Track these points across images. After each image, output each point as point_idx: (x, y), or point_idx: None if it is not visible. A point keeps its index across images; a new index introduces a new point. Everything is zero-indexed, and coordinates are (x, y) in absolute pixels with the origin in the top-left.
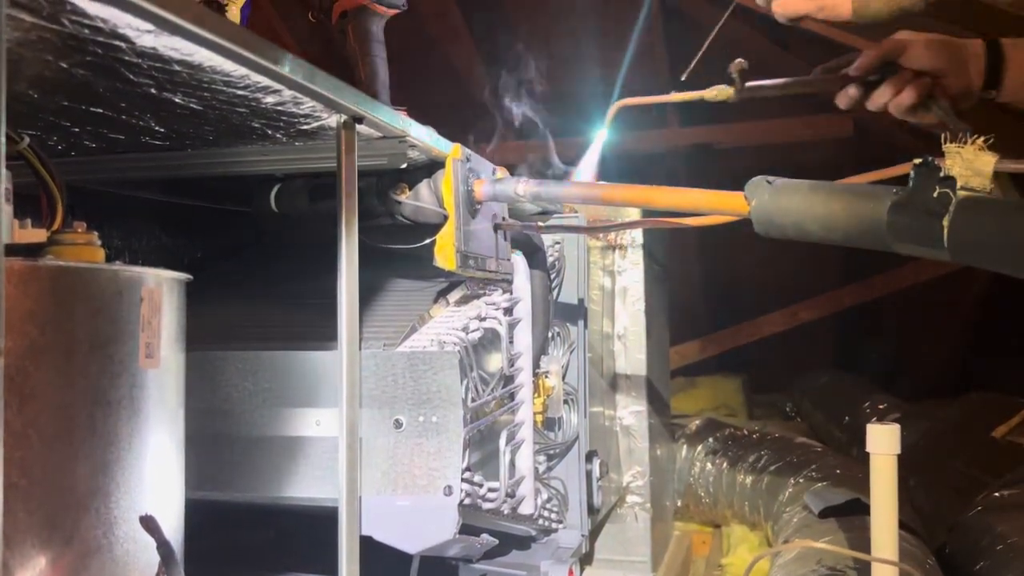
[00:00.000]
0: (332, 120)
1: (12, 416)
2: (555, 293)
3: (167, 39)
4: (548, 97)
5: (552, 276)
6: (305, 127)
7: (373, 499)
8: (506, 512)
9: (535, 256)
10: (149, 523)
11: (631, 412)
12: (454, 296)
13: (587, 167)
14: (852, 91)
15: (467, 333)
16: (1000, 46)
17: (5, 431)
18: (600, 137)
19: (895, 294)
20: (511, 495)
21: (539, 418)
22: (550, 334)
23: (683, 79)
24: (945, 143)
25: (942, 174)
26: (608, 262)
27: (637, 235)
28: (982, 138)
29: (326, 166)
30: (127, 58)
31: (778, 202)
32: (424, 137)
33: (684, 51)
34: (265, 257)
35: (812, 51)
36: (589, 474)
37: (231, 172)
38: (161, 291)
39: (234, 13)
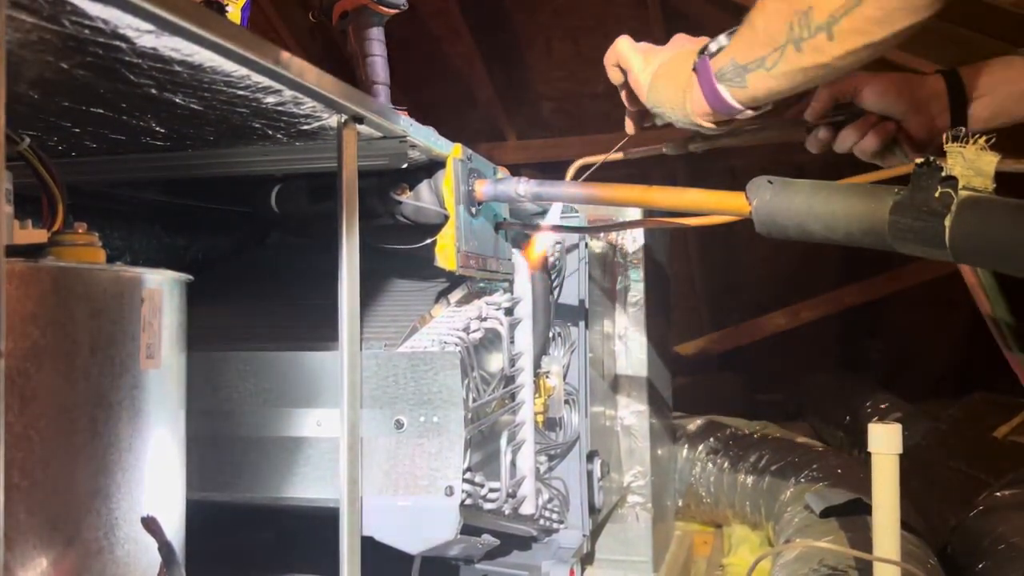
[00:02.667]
0: (333, 120)
1: (13, 417)
2: (556, 293)
3: (167, 40)
4: (548, 96)
5: (553, 276)
6: (306, 127)
7: (374, 499)
8: (507, 512)
9: None
10: (150, 524)
11: (632, 412)
12: (455, 296)
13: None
14: (822, 134)
15: (468, 333)
16: (959, 78)
17: (6, 432)
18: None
19: (897, 294)
20: (512, 495)
21: (540, 418)
22: (551, 334)
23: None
24: (947, 143)
25: (944, 174)
26: (609, 262)
27: (638, 235)
28: (984, 137)
29: (327, 166)
30: (127, 59)
31: (779, 202)
32: (425, 137)
33: None
34: (266, 257)
35: None
36: (590, 474)
37: (232, 172)
38: (162, 292)
39: (235, 13)
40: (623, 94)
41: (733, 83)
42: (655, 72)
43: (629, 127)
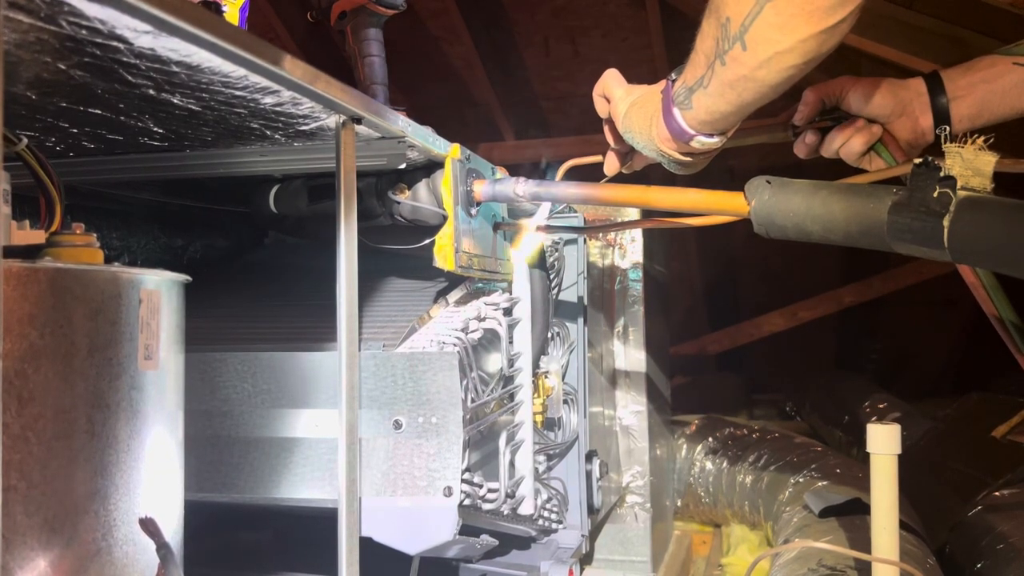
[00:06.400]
0: (331, 120)
1: (11, 419)
2: (554, 293)
3: (165, 40)
4: (547, 96)
5: (551, 276)
6: (304, 128)
7: (373, 500)
8: (506, 512)
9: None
10: (149, 525)
11: (631, 412)
12: (453, 296)
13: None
14: (809, 138)
15: (466, 333)
16: (940, 78)
17: (4, 434)
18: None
19: (895, 293)
20: (511, 495)
21: (539, 418)
22: (550, 334)
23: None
24: (945, 143)
25: (942, 174)
26: (607, 262)
27: (636, 235)
28: (982, 138)
29: (325, 166)
30: (125, 59)
31: (778, 202)
32: (423, 137)
33: (682, 49)
34: (264, 258)
35: None
36: (589, 474)
37: (230, 173)
38: (160, 292)
39: (232, 14)
40: (606, 129)
41: (683, 106)
42: (633, 101)
43: (611, 166)
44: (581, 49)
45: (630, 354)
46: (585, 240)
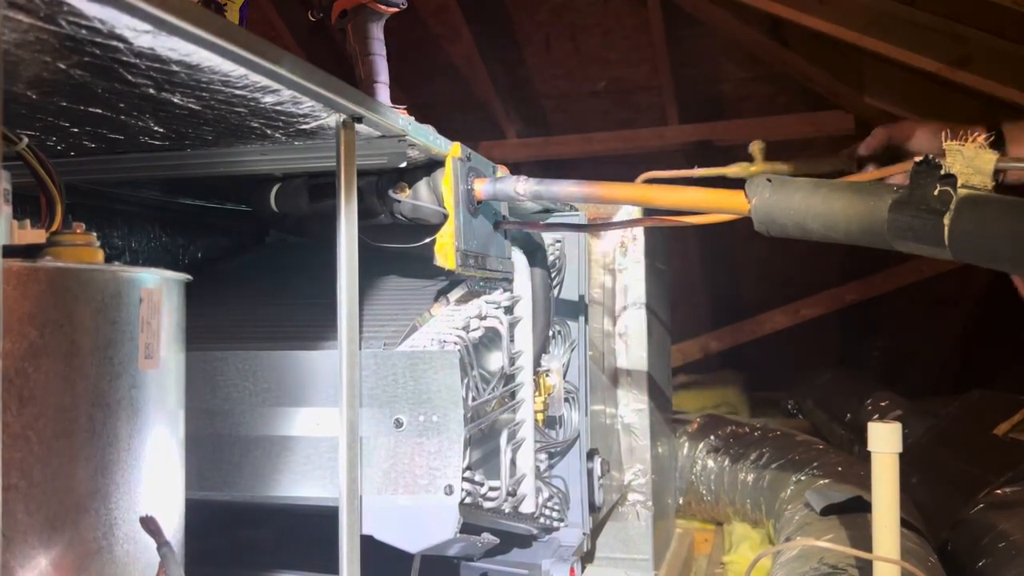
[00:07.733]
0: (331, 119)
1: (11, 418)
2: (556, 291)
3: (165, 39)
4: (547, 95)
5: (553, 274)
6: (304, 126)
7: (374, 498)
8: (507, 511)
9: (535, 254)
10: (149, 524)
11: (632, 410)
12: (454, 295)
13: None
14: (872, 171)
15: (467, 332)
16: (1001, 132)
17: (4, 433)
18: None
19: (896, 291)
20: (512, 494)
21: (540, 416)
22: (551, 332)
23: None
24: (946, 141)
25: (943, 172)
26: (609, 260)
27: (638, 233)
28: (983, 136)
29: (326, 165)
30: (125, 59)
31: (778, 200)
32: (423, 136)
33: (684, 47)
34: (265, 257)
35: (812, 47)
36: (590, 472)
37: (230, 172)
38: (160, 291)
39: (232, 12)
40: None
41: None
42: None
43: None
44: (582, 47)
45: (632, 352)
46: (587, 238)
